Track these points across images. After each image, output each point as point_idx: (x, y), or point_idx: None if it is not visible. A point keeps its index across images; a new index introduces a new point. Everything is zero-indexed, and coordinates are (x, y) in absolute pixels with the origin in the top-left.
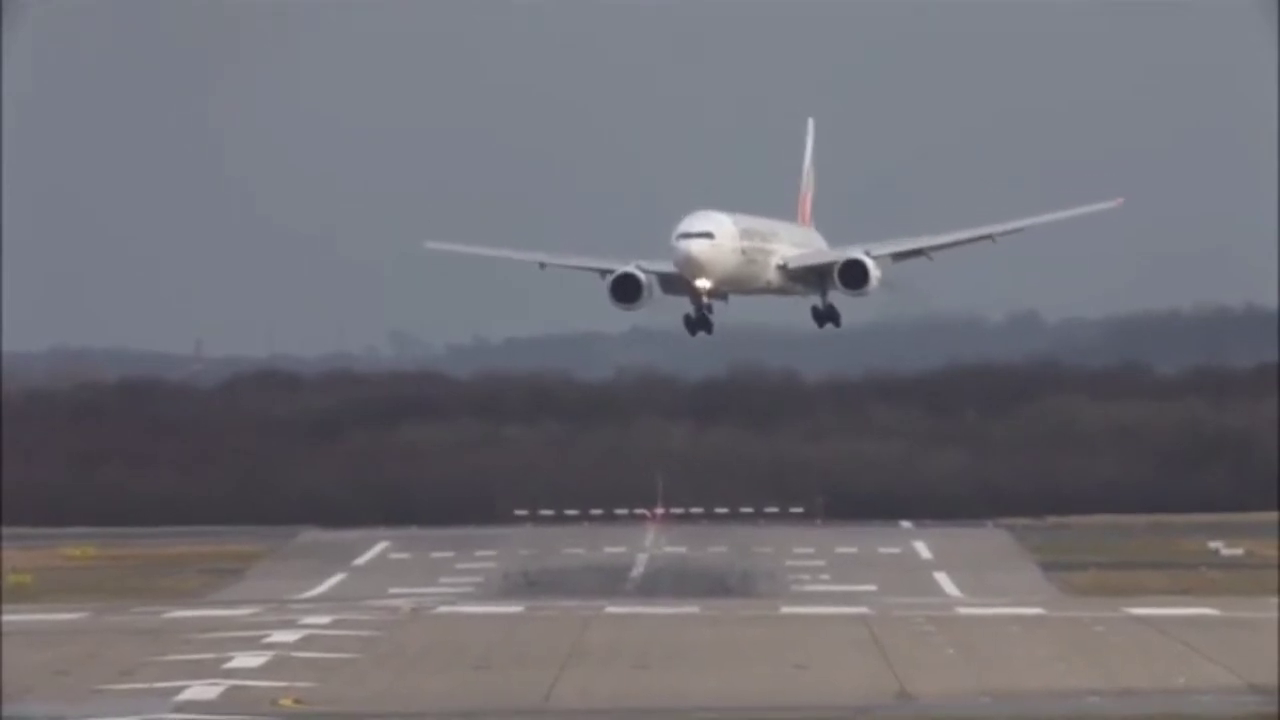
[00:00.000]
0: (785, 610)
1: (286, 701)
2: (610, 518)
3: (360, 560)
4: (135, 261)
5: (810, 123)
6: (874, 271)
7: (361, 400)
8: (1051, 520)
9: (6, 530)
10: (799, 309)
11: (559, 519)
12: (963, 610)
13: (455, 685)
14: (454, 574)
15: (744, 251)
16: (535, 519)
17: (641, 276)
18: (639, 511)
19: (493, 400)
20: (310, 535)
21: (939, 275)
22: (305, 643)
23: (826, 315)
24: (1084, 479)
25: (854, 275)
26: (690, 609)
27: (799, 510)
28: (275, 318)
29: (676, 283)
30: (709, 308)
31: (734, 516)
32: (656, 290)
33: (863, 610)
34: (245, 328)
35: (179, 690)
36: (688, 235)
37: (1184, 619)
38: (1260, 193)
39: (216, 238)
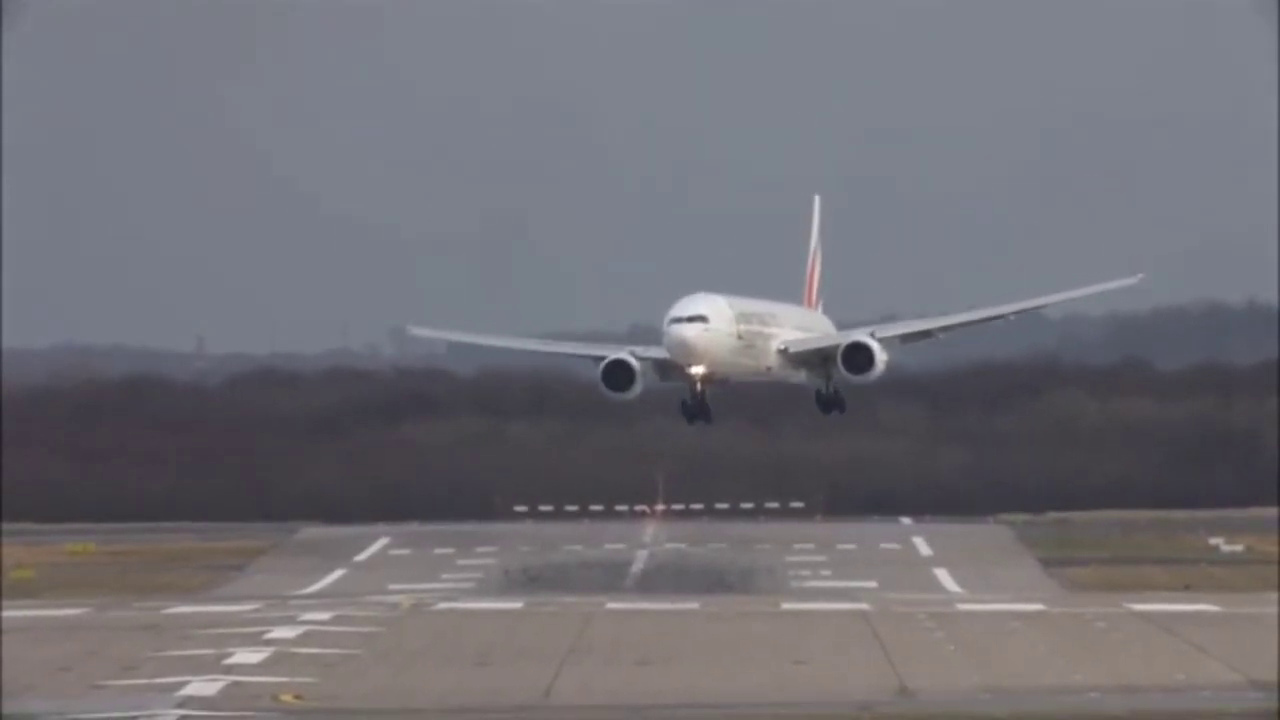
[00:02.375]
0: (786, 606)
1: (287, 697)
2: (611, 514)
3: (361, 556)
4: (136, 259)
5: (816, 200)
6: (879, 355)
7: (363, 397)
8: (1052, 516)
9: (8, 526)
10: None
11: (559, 515)
12: (963, 606)
13: (456, 681)
14: (455, 570)
15: (740, 336)
16: (536, 515)
17: (634, 363)
18: (639, 508)
19: (494, 397)
20: (311, 531)
21: (941, 274)
22: (306, 639)
23: (831, 402)
24: (1085, 475)
25: (859, 360)
26: (690, 605)
27: (799, 506)
28: (277, 314)
29: (672, 369)
30: (703, 395)
31: (734, 513)
32: (651, 377)
33: (863, 606)
34: (247, 324)
35: (180, 686)
36: (680, 320)
37: (1185, 615)
38: (1261, 190)
39: (217, 236)
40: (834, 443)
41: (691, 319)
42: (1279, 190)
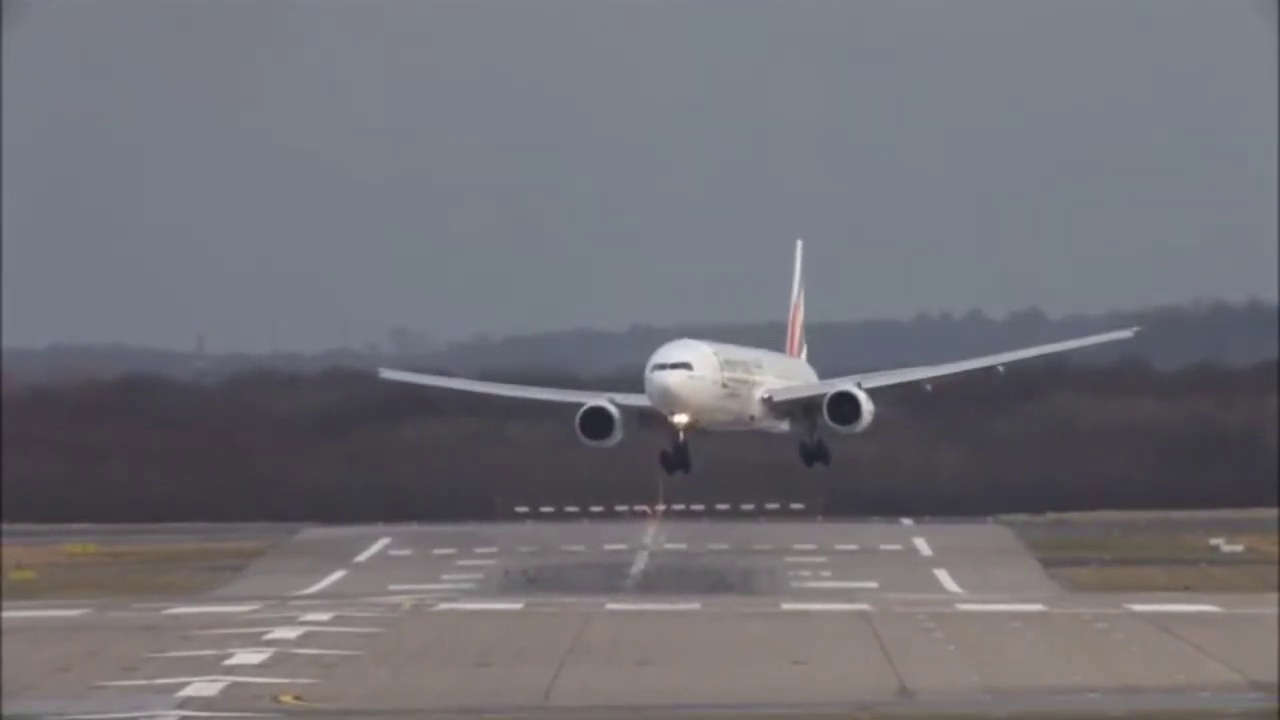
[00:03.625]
0: (786, 607)
1: (287, 698)
2: (611, 515)
3: (361, 557)
4: (136, 258)
5: (799, 245)
6: (866, 405)
7: (363, 397)
8: (1053, 517)
9: (8, 527)
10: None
11: (560, 516)
12: (963, 606)
13: (456, 682)
14: (455, 571)
15: (725, 384)
16: (536, 516)
17: (614, 411)
18: (639, 508)
19: (494, 397)
20: (311, 532)
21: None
22: (306, 639)
23: (815, 453)
24: (1085, 475)
25: (845, 410)
26: (691, 605)
27: (799, 507)
28: (277, 315)
29: (653, 417)
30: (684, 445)
31: (734, 513)
32: (632, 424)
33: (863, 607)
34: (247, 324)
35: (180, 687)
36: (663, 366)
37: (1185, 615)
38: (1261, 190)
39: (217, 236)
40: (834, 443)
41: (675, 365)
42: (1279, 190)
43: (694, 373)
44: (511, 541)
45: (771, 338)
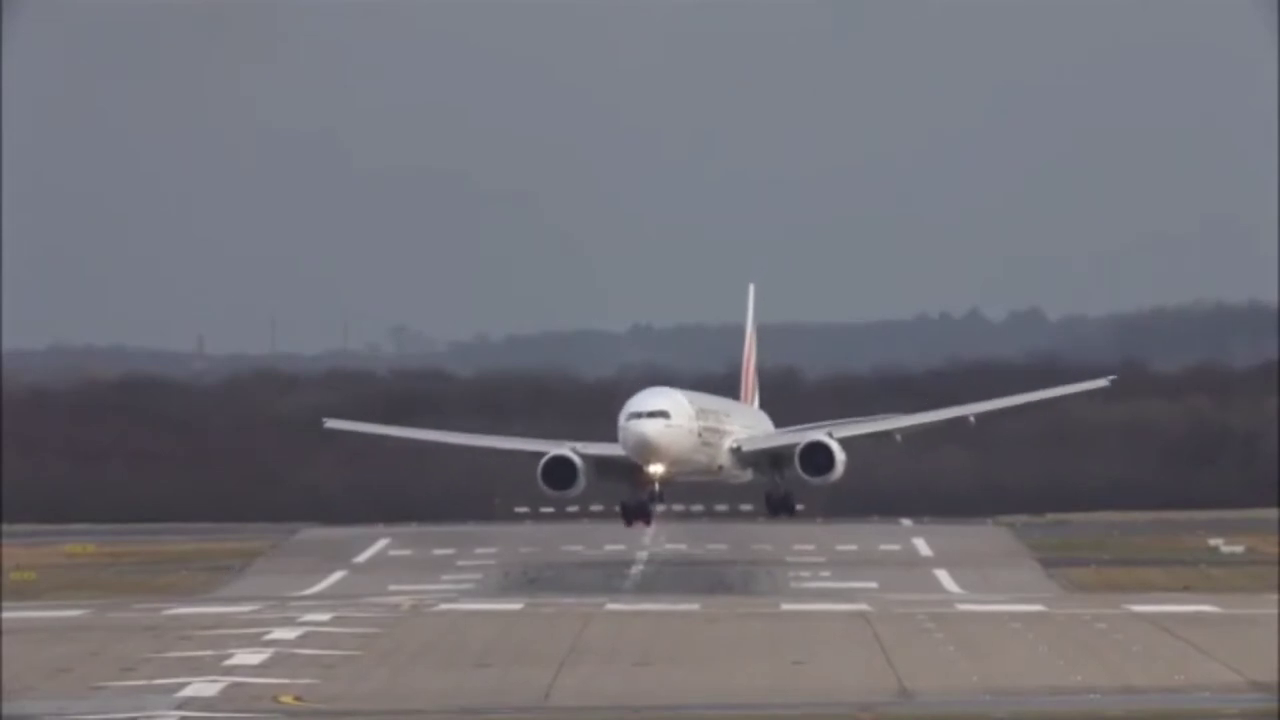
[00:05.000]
0: (785, 607)
1: (287, 698)
2: (611, 515)
3: (361, 557)
4: (136, 259)
5: (750, 289)
6: (839, 455)
7: (363, 398)
8: (1052, 517)
9: (8, 527)
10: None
11: (560, 516)
12: (963, 607)
13: (455, 682)
14: (454, 571)
15: (700, 433)
16: (536, 516)
17: (577, 460)
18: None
19: (494, 398)
20: (311, 532)
21: (942, 273)
22: (305, 640)
23: (781, 505)
24: (1085, 476)
25: (818, 460)
26: (690, 606)
27: (799, 507)
28: (277, 315)
29: (615, 468)
30: (659, 495)
31: (734, 514)
32: (593, 475)
33: (863, 607)
34: (247, 324)
35: (180, 687)
36: (640, 415)
37: (1185, 616)
38: (1261, 190)
39: (217, 235)
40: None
41: (653, 414)
42: (1279, 190)
43: (671, 421)
44: (511, 541)
45: (772, 338)
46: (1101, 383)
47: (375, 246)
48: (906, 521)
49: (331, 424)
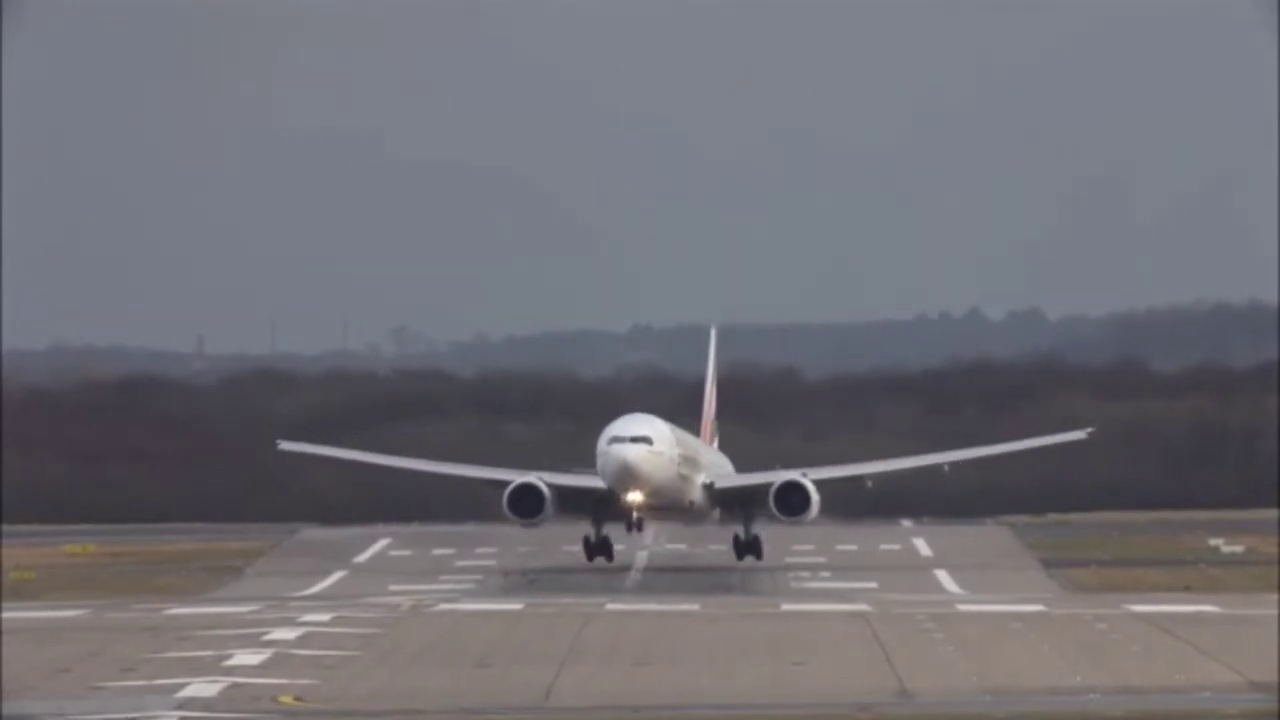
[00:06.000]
0: (785, 607)
1: (286, 699)
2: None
3: (360, 558)
4: (136, 259)
5: (713, 331)
6: (814, 496)
7: (363, 398)
8: (1052, 517)
9: (8, 528)
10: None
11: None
12: (963, 607)
13: (455, 683)
14: (454, 571)
15: (680, 463)
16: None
17: (543, 488)
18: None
19: (494, 398)
20: (310, 533)
21: (942, 273)
22: (305, 640)
23: (748, 547)
24: (1085, 476)
25: (792, 501)
26: (690, 606)
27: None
28: (277, 315)
29: (578, 500)
30: (639, 524)
31: (734, 514)
32: (567, 505)
33: (863, 607)
34: (247, 325)
35: (179, 687)
36: (621, 440)
37: (1185, 616)
38: (1261, 190)
39: (217, 234)
40: (833, 444)
41: (636, 439)
42: (1279, 189)
43: (654, 448)
44: (511, 542)
45: (771, 338)
46: (1080, 435)
47: (375, 246)
48: (906, 522)
49: (285, 446)
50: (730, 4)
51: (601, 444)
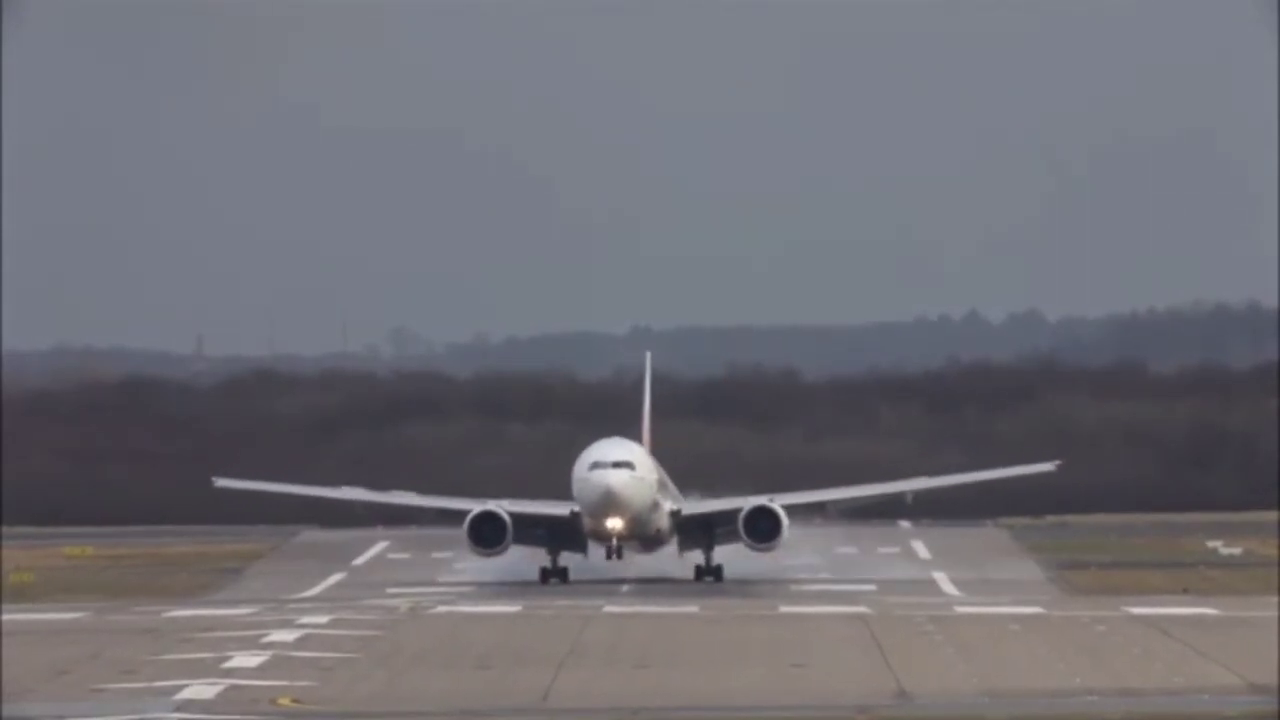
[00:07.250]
0: (784, 609)
1: (285, 701)
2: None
3: (359, 560)
4: (136, 260)
5: (648, 356)
6: (784, 521)
7: (362, 399)
8: (1051, 519)
9: (8, 529)
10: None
11: None
12: (962, 609)
13: (454, 685)
14: (453, 573)
15: (657, 488)
16: None
17: (505, 516)
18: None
19: (493, 399)
20: (310, 534)
21: (941, 275)
22: (304, 642)
23: (710, 572)
24: (1084, 478)
25: (762, 526)
26: (689, 608)
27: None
28: (276, 316)
29: (535, 531)
30: (619, 550)
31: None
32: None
33: (862, 609)
34: (246, 326)
35: (178, 689)
36: (602, 465)
37: (1184, 618)
38: (1261, 190)
39: (217, 235)
40: (832, 445)
41: (618, 464)
42: (1278, 190)
43: (636, 473)
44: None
45: (770, 339)
46: (1049, 466)
47: (374, 247)
48: (905, 523)
49: (222, 483)
50: (730, 4)
51: (580, 469)
